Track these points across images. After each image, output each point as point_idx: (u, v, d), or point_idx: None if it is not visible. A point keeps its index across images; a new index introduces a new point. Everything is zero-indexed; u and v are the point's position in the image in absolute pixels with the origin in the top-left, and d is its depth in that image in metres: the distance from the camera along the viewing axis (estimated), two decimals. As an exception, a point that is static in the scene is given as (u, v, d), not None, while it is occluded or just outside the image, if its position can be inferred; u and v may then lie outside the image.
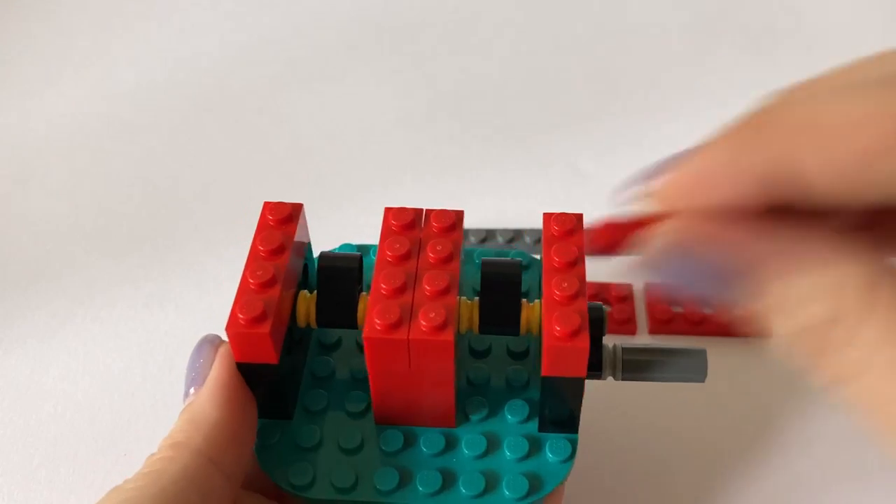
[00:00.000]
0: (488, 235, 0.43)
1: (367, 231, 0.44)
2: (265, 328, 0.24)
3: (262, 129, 0.52)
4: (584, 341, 0.24)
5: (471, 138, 0.51)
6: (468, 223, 0.45)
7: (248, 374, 0.26)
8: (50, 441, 0.36)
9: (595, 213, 0.47)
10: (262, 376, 0.26)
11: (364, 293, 0.27)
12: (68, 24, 0.62)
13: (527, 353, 0.29)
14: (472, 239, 0.43)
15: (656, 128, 0.50)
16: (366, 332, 0.24)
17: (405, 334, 0.24)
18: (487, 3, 0.61)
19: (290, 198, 0.48)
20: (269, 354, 0.25)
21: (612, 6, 0.60)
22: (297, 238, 0.28)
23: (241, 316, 0.24)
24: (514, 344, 0.29)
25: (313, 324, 0.27)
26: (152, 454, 0.25)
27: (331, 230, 0.44)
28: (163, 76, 0.56)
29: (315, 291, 0.27)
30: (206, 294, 0.41)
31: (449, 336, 0.24)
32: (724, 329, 0.38)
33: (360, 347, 0.29)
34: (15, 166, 0.50)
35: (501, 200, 0.46)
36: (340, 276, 0.27)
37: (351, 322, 0.26)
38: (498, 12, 0.60)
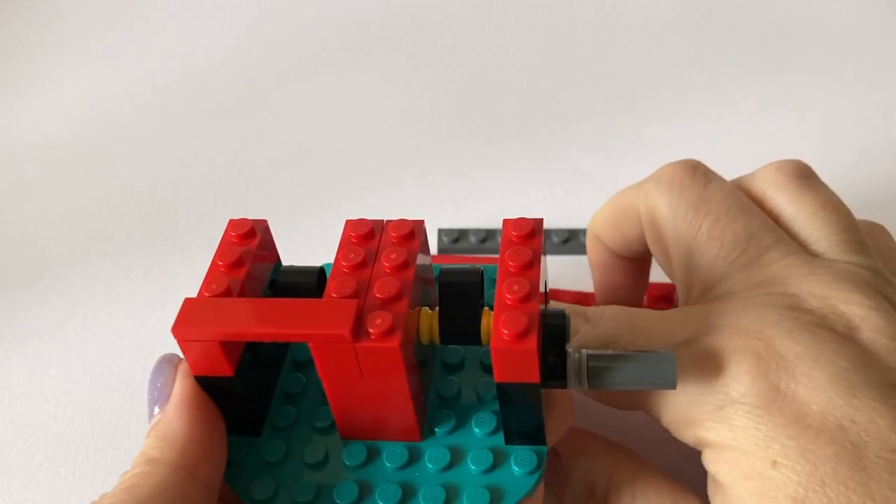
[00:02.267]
0: (488, 235, 0.43)
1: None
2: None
3: (261, 130, 0.52)
4: (532, 343, 0.23)
5: (470, 138, 0.51)
6: (467, 223, 0.45)
7: (210, 390, 0.26)
8: (50, 441, 0.36)
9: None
10: (223, 391, 0.26)
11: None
12: (66, 25, 0.62)
13: None
14: (472, 239, 0.43)
15: (656, 127, 0.50)
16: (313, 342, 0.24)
17: (350, 341, 0.24)
18: (486, 3, 0.61)
19: (288, 198, 0.49)
20: (222, 366, 0.25)
21: (612, 5, 0.60)
22: (259, 253, 0.27)
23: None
24: (487, 357, 0.28)
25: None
26: (126, 471, 0.25)
27: (329, 230, 0.44)
28: (163, 76, 0.56)
29: None
30: (206, 294, 0.41)
31: (394, 342, 0.23)
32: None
33: None
34: (15, 166, 0.50)
35: (501, 200, 0.46)
36: (298, 287, 0.27)
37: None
38: (497, 11, 0.60)
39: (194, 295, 0.26)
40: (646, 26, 0.58)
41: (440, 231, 0.43)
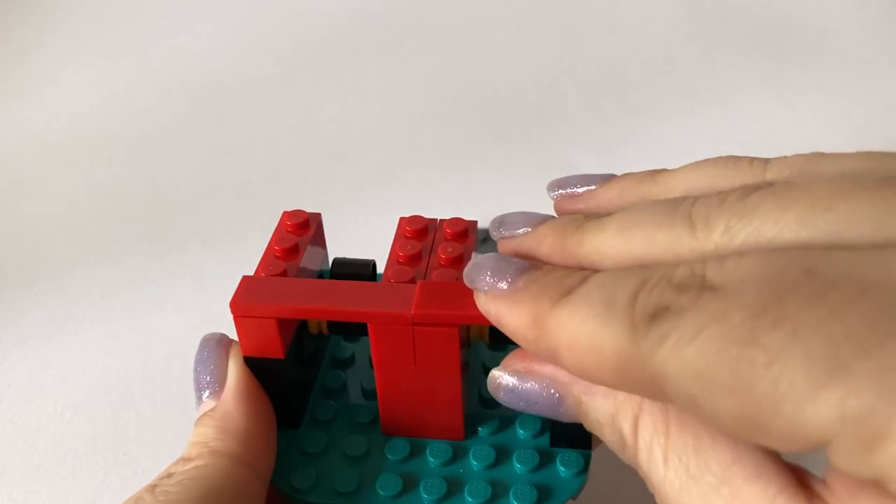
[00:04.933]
0: (488, 235, 0.43)
1: (366, 230, 0.44)
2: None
3: (262, 130, 0.52)
4: None
5: (470, 138, 0.51)
6: (468, 223, 0.45)
7: (257, 374, 0.26)
8: (50, 441, 0.36)
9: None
10: (270, 375, 0.26)
11: None
12: (67, 25, 0.62)
13: None
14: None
15: (655, 127, 0.50)
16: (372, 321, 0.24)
17: (409, 321, 0.24)
18: (487, 4, 0.61)
19: (288, 198, 0.49)
20: (275, 347, 0.25)
21: (612, 6, 0.60)
22: (312, 245, 0.28)
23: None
24: None
25: (325, 330, 0.27)
26: (186, 458, 0.24)
27: (329, 230, 0.44)
28: (163, 76, 0.56)
29: None
30: (205, 294, 0.41)
31: (454, 327, 0.24)
32: None
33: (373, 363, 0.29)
34: (15, 166, 0.50)
35: (501, 200, 0.46)
36: (354, 278, 0.27)
37: (364, 329, 0.26)
38: (497, 12, 0.60)
39: (193, 296, 0.26)
40: (646, 26, 0.58)
41: None
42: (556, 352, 0.19)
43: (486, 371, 0.28)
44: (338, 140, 0.51)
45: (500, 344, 0.26)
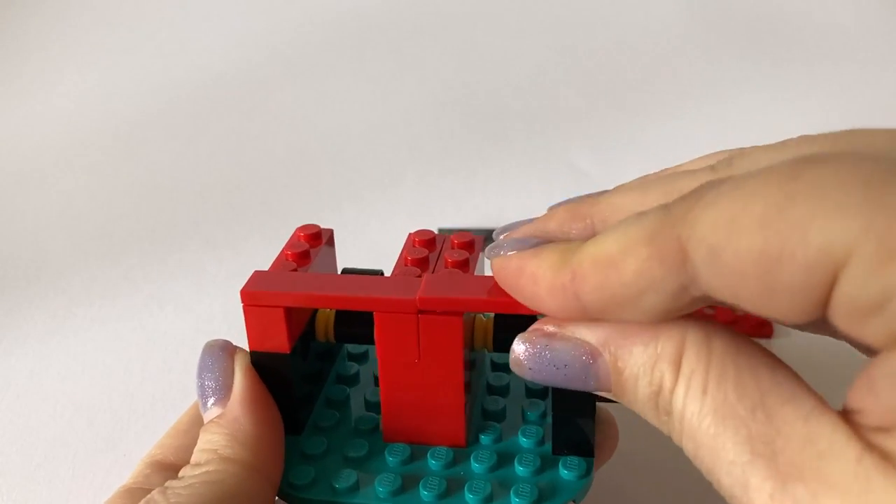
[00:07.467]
0: (488, 235, 0.43)
1: (367, 230, 0.44)
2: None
3: (260, 131, 0.52)
4: None
5: (470, 138, 0.51)
6: (468, 223, 0.45)
7: (263, 372, 0.26)
8: (50, 441, 0.36)
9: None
10: (275, 374, 0.26)
11: None
12: (69, 26, 0.62)
13: (546, 391, 0.29)
14: (472, 239, 0.43)
15: (655, 127, 0.50)
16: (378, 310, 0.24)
17: (415, 308, 0.24)
18: (488, 4, 0.61)
19: (288, 199, 0.49)
20: (281, 341, 0.25)
21: (612, 7, 0.60)
22: (322, 255, 0.28)
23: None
24: (532, 381, 0.29)
25: (332, 337, 0.27)
26: (195, 464, 0.24)
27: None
28: (164, 78, 0.56)
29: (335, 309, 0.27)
30: (205, 295, 0.41)
31: (457, 315, 0.24)
32: (754, 331, 0.38)
33: (377, 380, 0.29)
34: (15, 167, 0.50)
35: (501, 200, 0.46)
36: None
37: (369, 336, 0.26)
38: (498, 13, 0.60)
39: (193, 296, 0.26)
40: (645, 27, 0.58)
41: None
42: (582, 275, 0.19)
43: (490, 389, 0.29)
44: (336, 141, 0.51)
45: (504, 346, 0.26)
